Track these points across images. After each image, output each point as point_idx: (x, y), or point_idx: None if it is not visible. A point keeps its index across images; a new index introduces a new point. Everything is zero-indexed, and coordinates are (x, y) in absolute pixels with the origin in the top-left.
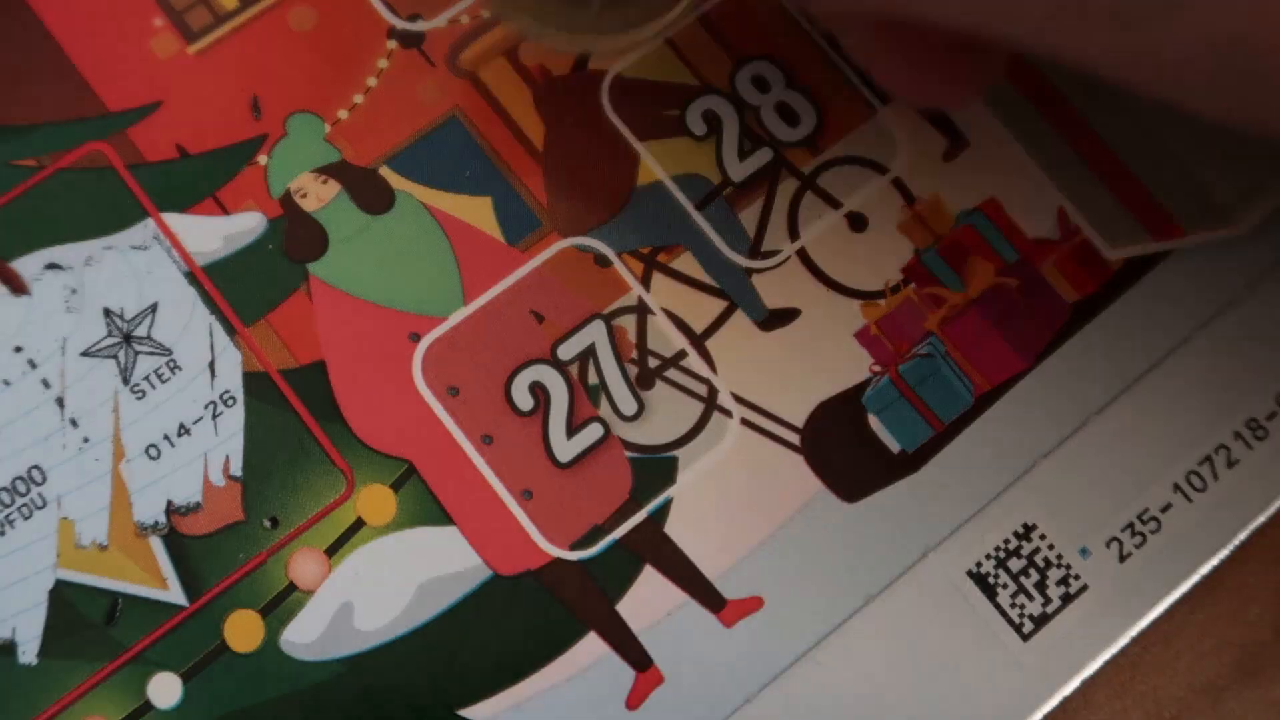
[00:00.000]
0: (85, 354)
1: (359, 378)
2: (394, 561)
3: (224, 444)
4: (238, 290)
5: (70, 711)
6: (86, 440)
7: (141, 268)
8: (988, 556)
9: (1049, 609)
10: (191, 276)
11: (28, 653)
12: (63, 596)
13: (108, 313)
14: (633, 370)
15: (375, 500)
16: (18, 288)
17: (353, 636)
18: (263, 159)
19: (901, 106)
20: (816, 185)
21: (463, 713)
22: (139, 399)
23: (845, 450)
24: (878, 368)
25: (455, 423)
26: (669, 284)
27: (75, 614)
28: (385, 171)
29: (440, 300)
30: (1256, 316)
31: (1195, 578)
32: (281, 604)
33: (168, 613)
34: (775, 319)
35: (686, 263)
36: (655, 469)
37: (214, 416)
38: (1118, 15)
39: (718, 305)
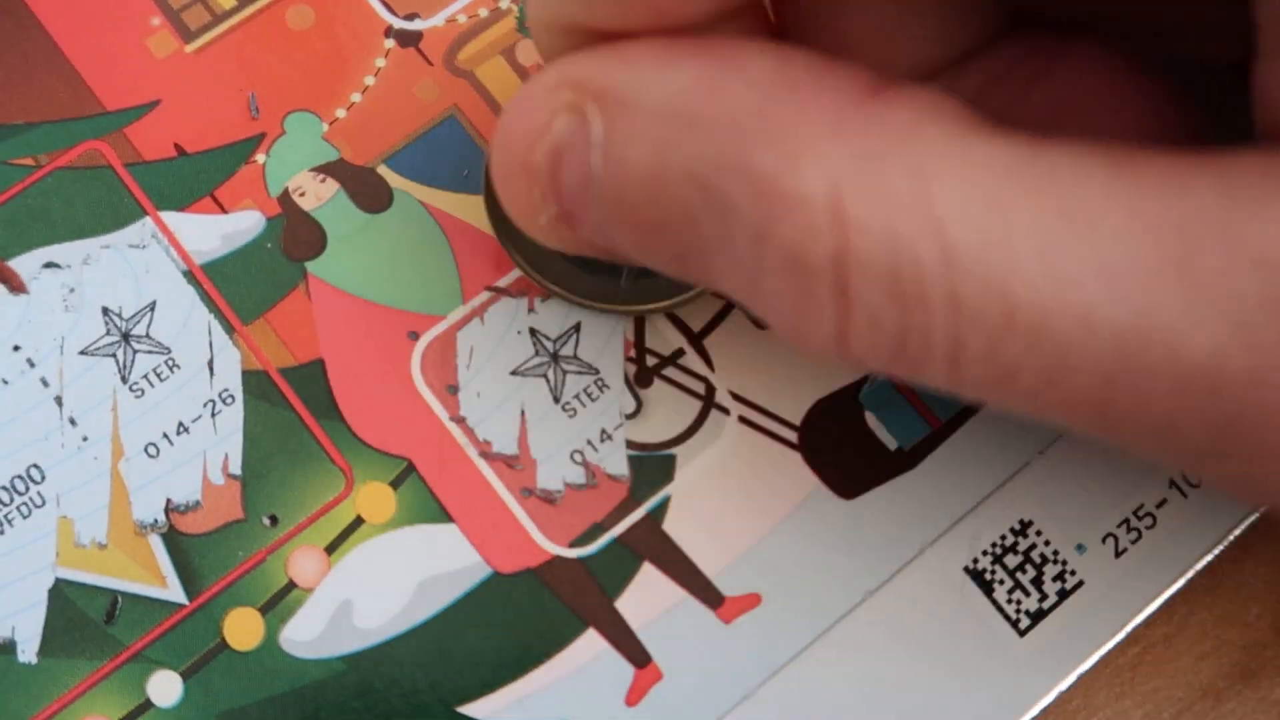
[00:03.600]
0: (83, 353)
1: (358, 376)
2: (393, 559)
3: (223, 442)
4: (236, 289)
5: (70, 710)
6: (85, 439)
7: (140, 266)
8: (985, 553)
9: (1045, 605)
10: (190, 275)
11: (27, 651)
12: (62, 595)
13: (106, 311)
14: (631, 368)
15: (374, 498)
16: (16, 287)
17: (352, 634)
18: (261, 158)
19: None
20: None
21: (462, 710)
22: (138, 397)
23: (843, 447)
24: None
25: (454, 421)
26: None
27: (75, 612)
28: (383, 170)
29: (439, 298)
30: None
31: (1191, 573)
32: (281, 602)
33: (167, 611)
34: None
35: None
36: (653, 467)
37: (213, 415)
38: None
39: (715, 303)
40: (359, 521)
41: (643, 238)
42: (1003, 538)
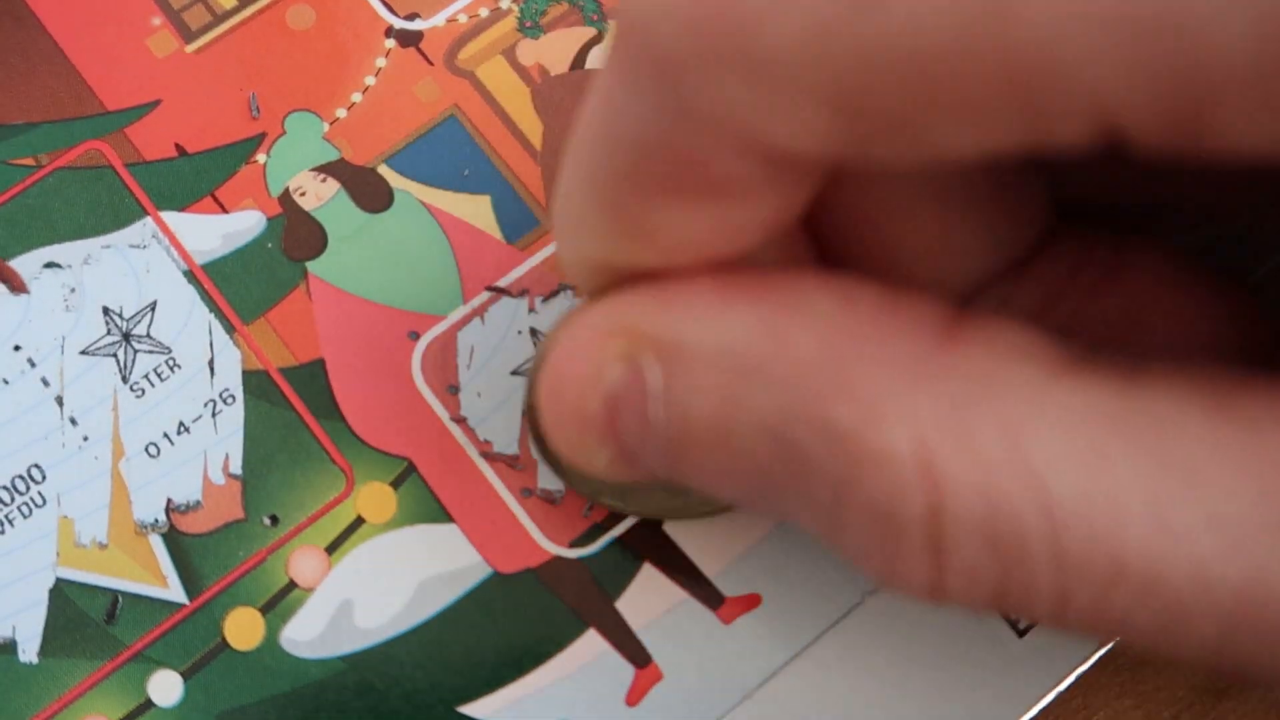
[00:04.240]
0: (84, 352)
1: (358, 376)
2: (394, 559)
3: (223, 442)
4: (237, 289)
5: (71, 709)
6: (86, 439)
7: (140, 266)
8: None
9: None
10: (190, 275)
11: (28, 651)
12: (63, 595)
13: (106, 311)
14: None
15: (375, 498)
16: (16, 286)
17: (353, 634)
18: (261, 157)
19: None
20: None
21: (462, 710)
22: (138, 397)
23: None
24: None
25: (455, 421)
26: None
27: (75, 612)
28: (384, 170)
29: (439, 298)
30: None
31: None
32: (281, 602)
33: (168, 611)
34: None
35: None
36: None
37: (213, 414)
38: None
39: None
40: (359, 521)
41: (710, 481)
42: None
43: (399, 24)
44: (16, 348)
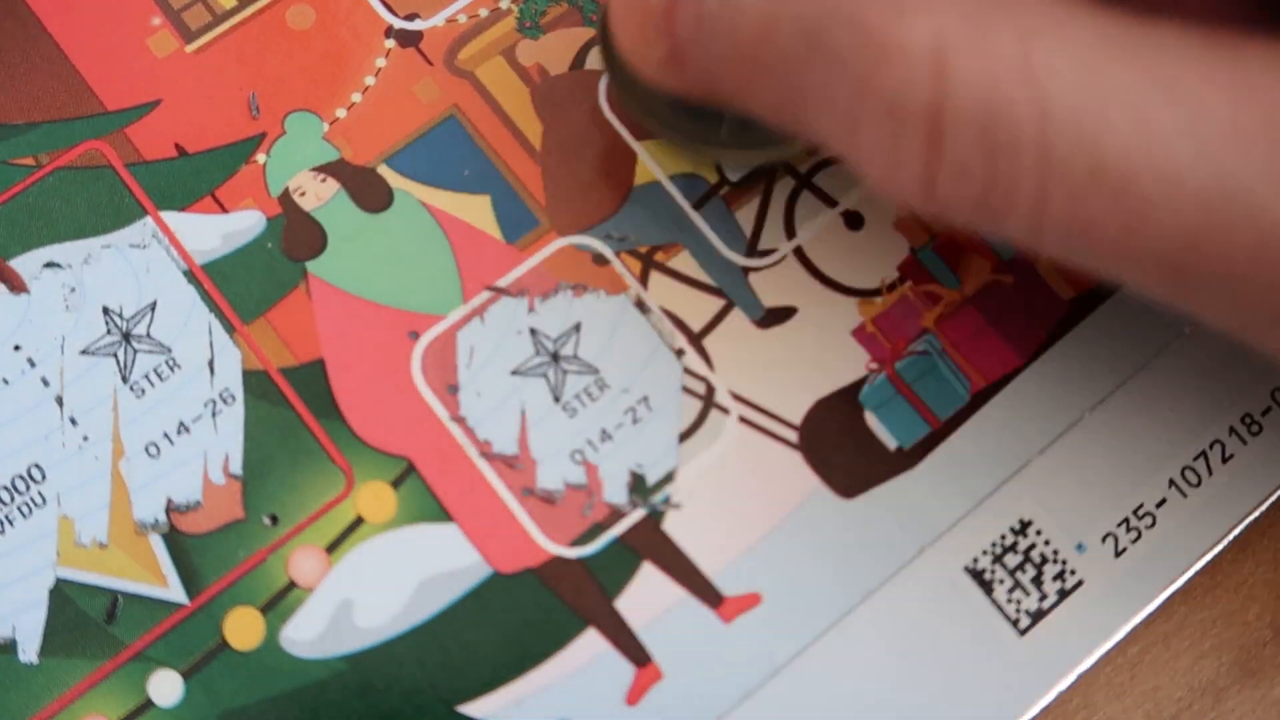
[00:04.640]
0: (84, 352)
1: (358, 376)
2: (394, 559)
3: (223, 442)
4: (237, 288)
5: (71, 709)
6: (86, 438)
7: (140, 266)
8: (984, 552)
9: (1045, 604)
10: (190, 275)
11: (28, 651)
12: (63, 594)
13: (106, 311)
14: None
15: (375, 498)
16: (16, 286)
17: (353, 634)
18: (261, 157)
19: None
20: (813, 184)
21: (462, 709)
22: (138, 397)
23: (842, 447)
24: (874, 365)
25: (454, 420)
26: (666, 282)
27: (75, 612)
28: (384, 170)
29: (439, 298)
30: None
31: (1190, 573)
32: (281, 601)
33: (168, 610)
34: (772, 317)
35: (684, 261)
36: None
37: (213, 414)
38: None
39: (715, 304)
40: (359, 521)
41: (747, 81)
42: (1002, 537)
43: (399, 24)
44: (16, 348)
